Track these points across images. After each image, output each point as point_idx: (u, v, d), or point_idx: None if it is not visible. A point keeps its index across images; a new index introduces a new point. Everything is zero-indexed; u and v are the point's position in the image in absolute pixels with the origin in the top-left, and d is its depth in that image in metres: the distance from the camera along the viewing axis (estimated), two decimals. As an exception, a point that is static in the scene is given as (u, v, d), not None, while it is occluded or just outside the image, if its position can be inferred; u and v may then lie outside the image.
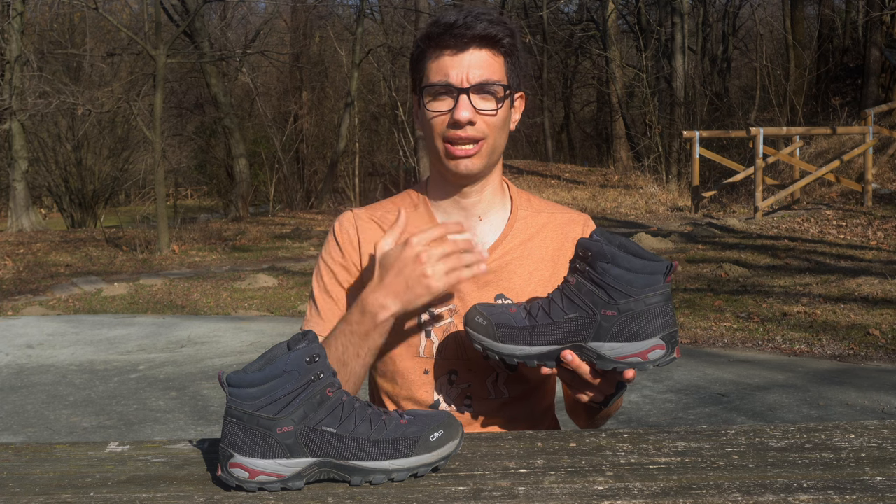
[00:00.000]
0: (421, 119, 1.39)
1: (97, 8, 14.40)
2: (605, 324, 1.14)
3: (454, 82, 1.31)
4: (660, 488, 0.99)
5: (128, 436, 4.47)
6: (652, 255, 1.15)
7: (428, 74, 1.35)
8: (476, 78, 1.32)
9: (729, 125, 19.33)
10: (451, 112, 1.32)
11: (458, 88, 1.31)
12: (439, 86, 1.32)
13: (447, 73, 1.32)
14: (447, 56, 1.32)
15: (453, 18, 1.31)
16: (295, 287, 9.78)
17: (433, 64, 1.34)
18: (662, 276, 1.13)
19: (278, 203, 23.77)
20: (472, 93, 1.32)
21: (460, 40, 1.31)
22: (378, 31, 26.00)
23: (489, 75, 1.33)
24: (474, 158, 1.35)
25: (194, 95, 26.09)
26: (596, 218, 14.03)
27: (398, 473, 1.04)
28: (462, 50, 1.32)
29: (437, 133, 1.35)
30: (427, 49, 1.35)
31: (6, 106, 17.69)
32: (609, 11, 21.04)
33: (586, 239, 1.16)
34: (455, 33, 1.31)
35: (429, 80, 1.34)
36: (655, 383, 5.11)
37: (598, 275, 1.14)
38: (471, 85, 1.31)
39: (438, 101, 1.34)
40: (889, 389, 4.82)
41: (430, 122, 1.35)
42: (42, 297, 10.18)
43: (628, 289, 1.13)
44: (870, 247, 9.56)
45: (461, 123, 1.32)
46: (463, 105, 1.31)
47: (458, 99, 1.31)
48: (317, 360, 1.04)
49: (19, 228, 18.20)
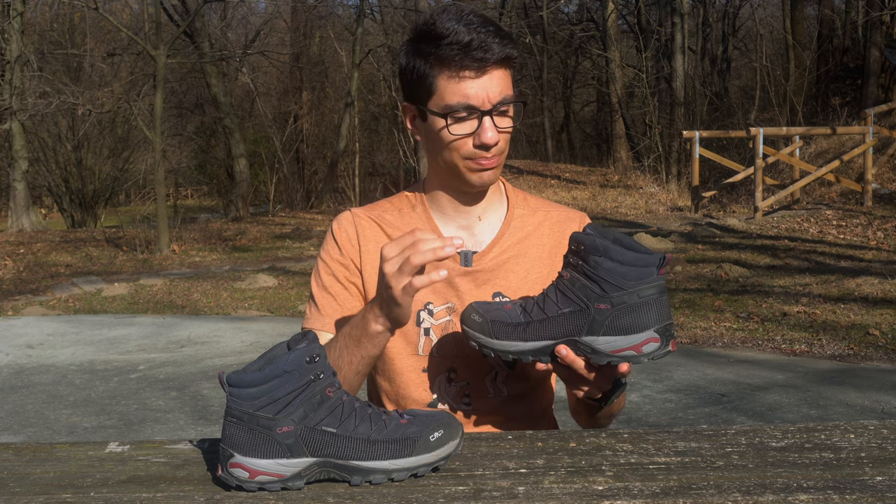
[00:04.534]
0: (433, 137, 1.36)
1: (97, 8, 14.40)
2: (599, 317, 1.14)
3: (477, 104, 1.30)
4: (660, 488, 0.99)
5: (128, 436, 4.47)
6: (645, 248, 1.14)
7: (442, 94, 1.32)
8: (496, 97, 1.31)
9: (729, 125, 19.33)
10: (475, 135, 1.31)
11: (482, 111, 1.31)
12: (461, 108, 1.31)
13: (467, 95, 1.30)
14: (467, 79, 1.30)
15: (466, 38, 1.28)
16: (295, 287, 9.78)
17: (450, 85, 1.31)
18: (656, 269, 1.12)
19: (278, 203, 23.77)
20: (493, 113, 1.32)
21: (482, 63, 1.29)
22: (378, 31, 26.00)
23: (506, 92, 1.33)
24: (495, 170, 1.37)
25: (194, 95, 26.09)
26: (596, 218, 14.03)
27: (398, 473, 1.04)
28: (482, 73, 1.30)
29: (459, 153, 1.34)
30: (438, 67, 1.31)
31: (6, 106, 17.69)
32: (609, 11, 21.04)
33: (579, 233, 1.16)
34: (475, 56, 1.28)
35: (444, 101, 1.32)
36: (655, 383, 5.11)
37: (590, 268, 1.13)
38: (493, 105, 1.31)
39: (460, 124, 1.32)
40: (889, 389, 4.82)
41: (450, 145, 1.34)
42: (42, 297, 10.18)
43: (621, 282, 1.12)
44: (870, 247, 9.56)
45: (489, 146, 1.31)
46: (489, 127, 1.31)
47: (483, 121, 1.31)
48: (317, 360, 1.04)
49: (19, 228, 18.20)
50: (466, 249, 1.42)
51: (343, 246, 1.45)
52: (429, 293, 1.40)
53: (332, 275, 1.44)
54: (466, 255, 1.37)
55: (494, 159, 1.35)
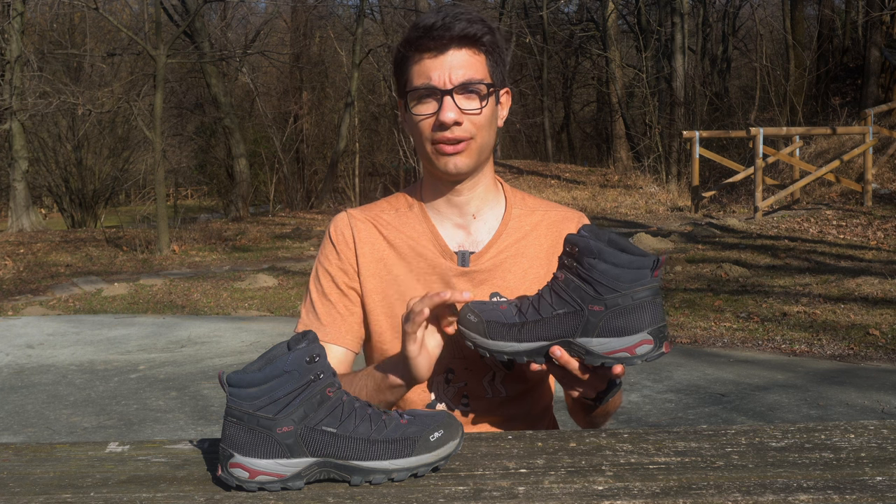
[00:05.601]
0: (408, 123, 1.40)
1: (97, 8, 14.40)
2: (593, 319, 1.14)
3: (437, 84, 1.32)
4: (660, 488, 0.99)
5: (128, 436, 4.47)
6: (640, 250, 1.14)
7: (410, 78, 1.36)
8: (459, 78, 1.32)
9: (729, 125, 19.33)
10: (436, 114, 1.33)
11: (441, 90, 1.32)
12: (422, 89, 1.33)
13: (429, 76, 1.33)
14: (428, 59, 1.33)
15: (431, 20, 1.32)
16: (295, 287, 9.78)
17: (415, 67, 1.35)
18: (650, 271, 1.12)
19: (278, 203, 23.78)
20: (455, 93, 1.32)
21: (439, 42, 1.32)
22: (378, 31, 26.00)
23: (471, 74, 1.33)
24: (462, 156, 1.36)
25: (194, 95, 26.10)
26: (596, 218, 14.03)
27: (398, 473, 1.04)
28: (442, 51, 1.32)
29: (425, 136, 1.36)
30: (408, 53, 1.35)
31: (6, 106, 17.69)
32: (609, 11, 21.04)
33: (573, 234, 1.16)
34: (434, 35, 1.31)
35: (412, 84, 1.35)
36: (655, 383, 5.11)
37: (584, 270, 1.13)
38: (454, 86, 1.32)
39: (423, 105, 1.35)
40: (889, 389, 4.82)
41: (416, 126, 1.36)
42: (42, 297, 10.18)
43: (615, 283, 1.12)
44: (870, 247, 9.56)
45: (447, 125, 1.32)
46: (448, 106, 1.32)
47: (443, 100, 1.32)
48: (317, 360, 1.04)
49: (19, 228, 18.20)
50: (464, 250, 1.42)
51: (341, 250, 1.45)
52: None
53: (330, 280, 1.44)
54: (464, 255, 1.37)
55: (461, 144, 1.35)
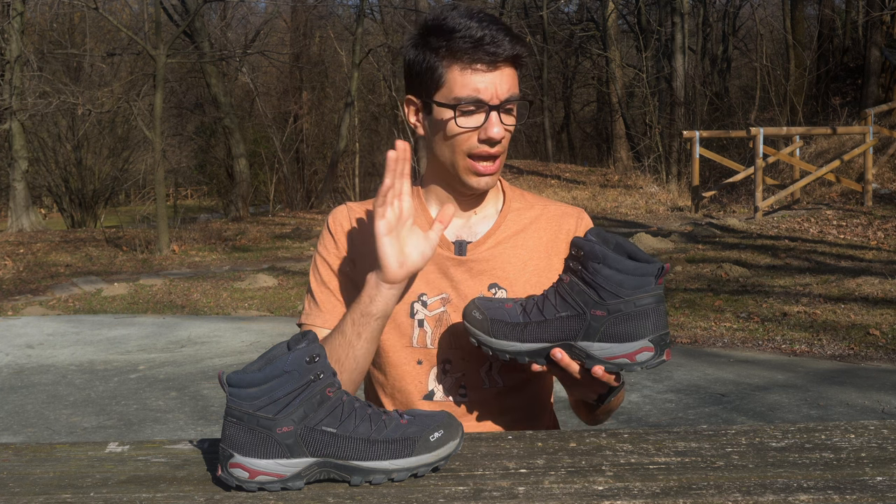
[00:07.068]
0: (440, 130, 1.36)
1: (97, 8, 14.40)
2: (595, 324, 1.15)
3: (486, 99, 1.31)
4: (660, 488, 0.99)
5: (128, 436, 4.47)
6: (646, 256, 1.15)
7: (451, 87, 1.33)
8: (504, 94, 1.32)
9: (729, 125, 19.33)
10: (481, 129, 1.33)
11: (490, 105, 1.32)
12: (471, 102, 1.32)
13: (477, 89, 1.31)
14: (478, 72, 1.31)
15: (479, 33, 1.30)
16: (295, 287, 9.78)
17: (461, 77, 1.32)
18: (654, 278, 1.13)
19: (278, 203, 23.78)
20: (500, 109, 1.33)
21: (494, 57, 1.31)
22: (378, 31, 26.01)
23: (514, 91, 1.34)
24: (495, 175, 1.38)
25: (194, 95, 26.10)
26: (596, 218, 14.03)
27: (398, 473, 1.04)
28: (494, 67, 1.32)
29: (462, 148, 1.35)
30: (449, 60, 1.33)
31: (6, 106, 17.69)
32: (609, 11, 21.04)
33: (580, 238, 1.17)
34: (488, 50, 1.30)
35: (453, 94, 1.32)
36: (655, 383, 5.11)
37: (589, 274, 1.14)
38: (501, 102, 1.32)
39: (467, 117, 1.33)
40: (889, 389, 4.82)
41: (454, 137, 1.34)
42: (42, 297, 10.18)
43: (618, 290, 1.13)
44: (870, 247, 9.56)
45: (495, 141, 1.33)
46: (496, 122, 1.32)
47: (490, 116, 1.32)
48: (317, 360, 1.04)
49: (19, 228, 18.20)
50: (461, 239, 1.42)
51: (339, 239, 1.46)
52: (422, 284, 1.40)
53: (329, 269, 1.45)
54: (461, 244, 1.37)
55: (497, 162, 1.36)
